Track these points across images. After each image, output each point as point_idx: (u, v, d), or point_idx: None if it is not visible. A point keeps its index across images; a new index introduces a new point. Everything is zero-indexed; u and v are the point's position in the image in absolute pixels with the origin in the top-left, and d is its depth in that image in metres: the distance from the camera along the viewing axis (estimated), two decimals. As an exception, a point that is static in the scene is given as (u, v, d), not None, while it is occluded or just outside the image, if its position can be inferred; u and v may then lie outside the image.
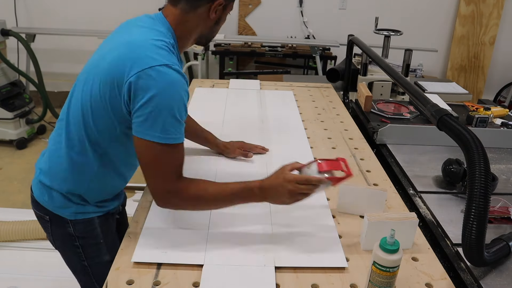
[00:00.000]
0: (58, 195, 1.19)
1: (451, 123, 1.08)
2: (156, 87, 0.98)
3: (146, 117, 0.99)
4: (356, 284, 0.98)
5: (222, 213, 1.21)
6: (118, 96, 1.03)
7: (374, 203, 1.21)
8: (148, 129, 1.00)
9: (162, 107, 0.99)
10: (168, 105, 1.00)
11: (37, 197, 1.24)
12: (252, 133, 1.76)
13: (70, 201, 1.19)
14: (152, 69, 0.98)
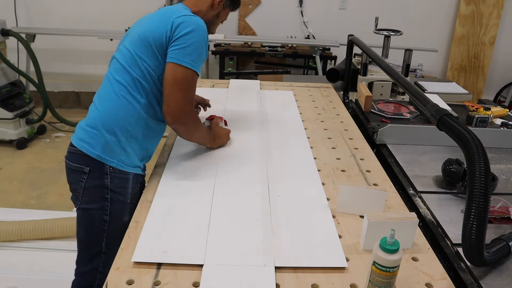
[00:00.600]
0: (106, 141, 1.34)
1: (451, 123, 1.08)
2: (193, 25, 1.33)
3: (183, 46, 1.31)
4: (356, 284, 0.98)
5: (222, 213, 1.21)
6: (162, 34, 1.32)
7: (374, 203, 1.21)
8: (184, 57, 1.31)
9: (195, 42, 1.32)
10: (199, 42, 1.33)
11: (83, 146, 1.34)
12: (252, 133, 1.76)
13: (119, 144, 1.35)
14: (189, 16, 1.35)
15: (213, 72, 4.64)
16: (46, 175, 3.36)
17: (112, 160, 1.34)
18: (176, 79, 1.31)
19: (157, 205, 1.24)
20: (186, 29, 1.31)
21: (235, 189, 1.34)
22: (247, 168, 1.48)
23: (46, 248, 2.40)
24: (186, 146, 1.62)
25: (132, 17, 4.40)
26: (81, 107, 4.79)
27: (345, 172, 1.50)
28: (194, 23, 1.33)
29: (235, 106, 2.06)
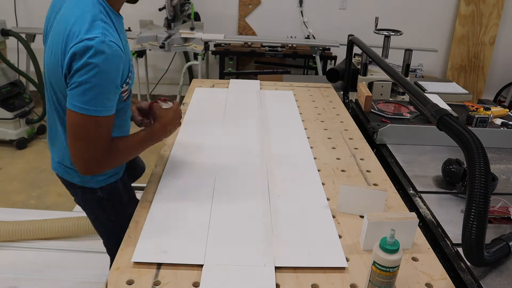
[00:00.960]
0: (75, 174, 1.32)
1: (451, 123, 1.08)
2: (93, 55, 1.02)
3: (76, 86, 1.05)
4: (356, 284, 0.98)
5: (222, 213, 1.21)
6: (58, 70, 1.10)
7: (374, 203, 1.21)
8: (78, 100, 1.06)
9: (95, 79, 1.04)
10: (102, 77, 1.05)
11: (64, 177, 1.37)
12: (252, 133, 1.76)
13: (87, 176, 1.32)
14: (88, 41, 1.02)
15: (213, 72, 4.64)
16: (46, 175, 3.36)
17: (92, 183, 1.36)
18: (71, 127, 1.09)
19: (157, 205, 1.24)
20: (76, 61, 1.02)
21: (235, 189, 1.34)
22: (247, 168, 1.48)
23: (46, 248, 2.40)
24: (186, 146, 1.62)
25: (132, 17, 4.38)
26: (81, 107, 4.78)
27: (345, 172, 1.50)
28: (84, 47, 1.01)
29: (235, 106, 2.06)
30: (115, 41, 1.06)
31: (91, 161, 1.13)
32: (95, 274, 2.20)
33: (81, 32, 1.03)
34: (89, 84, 1.03)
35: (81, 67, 1.02)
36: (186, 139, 1.69)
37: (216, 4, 4.41)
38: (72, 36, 1.04)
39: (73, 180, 1.36)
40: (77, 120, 1.07)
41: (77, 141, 1.10)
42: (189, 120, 1.88)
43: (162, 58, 4.43)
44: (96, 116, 1.06)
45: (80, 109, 1.05)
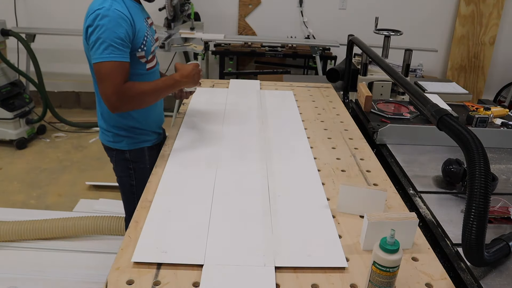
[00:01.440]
0: (110, 135, 1.66)
1: (451, 123, 1.08)
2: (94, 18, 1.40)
3: (91, 46, 1.41)
4: (356, 284, 0.98)
5: (222, 213, 1.21)
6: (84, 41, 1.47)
7: (374, 203, 1.21)
8: (94, 54, 1.41)
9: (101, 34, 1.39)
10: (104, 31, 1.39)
11: (104, 142, 1.70)
12: (252, 133, 1.76)
13: (121, 136, 1.65)
14: (93, 12, 1.42)
15: (213, 72, 4.64)
16: (46, 175, 3.36)
17: (123, 146, 1.66)
18: (96, 76, 1.44)
19: (157, 205, 1.24)
20: (93, 22, 1.40)
21: (235, 189, 1.34)
22: (247, 168, 1.48)
23: (46, 248, 2.41)
24: (186, 146, 1.62)
25: (132, 17, 4.31)
26: (81, 107, 4.79)
27: (345, 172, 1.50)
28: (95, 20, 1.40)
29: (235, 106, 2.06)
30: (119, 10, 1.40)
31: (112, 96, 1.41)
32: (95, 274, 2.21)
33: (95, 6, 1.42)
34: (100, 39, 1.38)
35: (93, 29, 1.39)
36: (186, 139, 1.69)
37: (216, 4, 4.41)
38: (89, 11, 1.44)
39: (109, 144, 1.68)
40: (98, 68, 1.40)
41: (100, 84, 1.42)
42: (189, 120, 1.88)
43: (162, 58, 4.42)
44: (109, 61, 1.39)
45: (98, 59, 1.39)
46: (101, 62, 1.39)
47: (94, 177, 3.32)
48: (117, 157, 1.71)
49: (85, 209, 2.86)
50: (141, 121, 1.66)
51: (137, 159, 1.69)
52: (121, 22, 1.40)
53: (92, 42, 1.40)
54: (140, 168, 1.70)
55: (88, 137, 4.08)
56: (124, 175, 1.73)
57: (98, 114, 1.68)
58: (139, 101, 1.50)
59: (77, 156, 3.70)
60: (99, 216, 2.46)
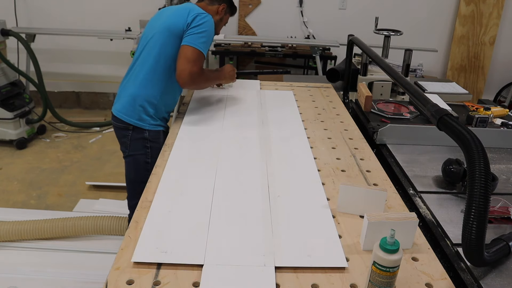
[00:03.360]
0: (141, 112, 1.87)
1: (451, 123, 1.08)
2: (206, 18, 1.82)
3: (195, 32, 1.78)
4: (356, 284, 0.98)
5: (222, 213, 1.21)
6: (181, 24, 1.81)
7: (374, 203, 1.21)
8: (195, 40, 1.78)
9: (206, 30, 1.81)
10: (209, 31, 1.83)
11: (123, 117, 1.88)
12: (252, 133, 1.76)
13: (147, 115, 1.88)
14: (202, 13, 1.84)
15: (213, 72, 4.63)
16: (46, 175, 3.36)
17: (144, 124, 1.88)
18: (186, 56, 1.76)
19: (157, 205, 1.24)
20: (201, 21, 1.79)
21: (235, 189, 1.34)
22: (247, 168, 1.48)
23: (46, 248, 2.40)
24: (186, 146, 1.62)
25: (132, 17, 4.40)
26: (81, 107, 4.79)
27: (345, 172, 1.50)
28: (206, 17, 1.82)
29: (235, 106, 2.06)
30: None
31: (192, 75, 1.77)
32: (95, 274, 2.21)
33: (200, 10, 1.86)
34: (204, 33, 1.79)
35: (202, 22, 1.80)
36: (186, 139, 1.69)
37: (216, 4, 4.41)
38: (194, 10, 1.84)
39: (130, 121, 1.87)
40: (191, 51, 1.77)
41: (186, 63, 1.76)
42: (189, 120, 1.88)
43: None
44: (201, 51, 1.79)
45: (196, 45, 1.77)
46: (197, 49, 1.76)
47: (94, 177, 3.32)
48: (134, 136, 1.89)
49: (85, 209, 2.86)
50: (170, 104, 1.98)
51: (154, 139, 1.90)
52: (213, 31, 1.89)
53: (195, 29, 1.78)
54: (156, 148, 1.84)
55: (88, 137, 4.08)
56: (140, 153, 1.91)
57: (141, 91, 1.86)
58: (204, 84, 1.93)
59: (77, 156, 3.70)
60: (99, 216, 2.46)
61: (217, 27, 1.99)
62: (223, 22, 2.04)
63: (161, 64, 1.84)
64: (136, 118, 1.87)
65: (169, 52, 1.83)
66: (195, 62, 1.75)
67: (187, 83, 1.78)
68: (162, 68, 1.84)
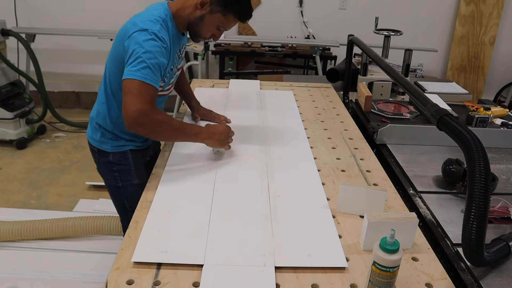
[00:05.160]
0: (99, 133, 1.63)
1: (451, 123, 1.08)
2: (141, 40, 1.36)
3: (131, 62, 1.35)
4: (356, 284, 0.98)
5: (222, 213, 1.21)
6: (121, 53, 1.42)
7: (374, 203, 1.21)
8: (133, 71, 1.35)
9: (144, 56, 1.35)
10: (149, 54, 1.35)
11: (87, 135, 1.69)
12: (252, 133, 1.76)
13: (106, 137, 1.62)
14: (140, 32, 1.38)
15: (213, 72, 4.64)
16: (46, 175, 3.36)
17: (107, 147, 1.63)
18: (126, 92, 1.35)
19: (157, 205, 1.24)
20: (138, 41, 1.36)
21: (235, 189, 1.34)
22: (247, 168, 1.48)
23: (46, 248, 2.40)
24: (186, 146, 1.62)
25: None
26: (81, 107, 4.79)
27: (345, 172, 1.50)
28: (146, 34, 1.37)
29: (235, 106, 2.06)
30: (165, 38, 1.41)
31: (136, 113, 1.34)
32: (95, 274, 2.21)
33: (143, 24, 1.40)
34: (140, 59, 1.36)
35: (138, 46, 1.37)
36: (186, 139, 1.69)
37: (216, 4, 4.41)
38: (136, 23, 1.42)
39: (94, 143, 1.65)
40: (129, 84, 1.35)
41: (129, 98, 1.35)
42: (189, 120, 1.88)
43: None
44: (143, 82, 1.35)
45: (134, 76, 1.35)
46: (138, 80, 1.34)
47: (94, 177, 3.32)
48: (100, 159, 1.67)
49: (85, 209, 2.86)
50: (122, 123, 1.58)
51: (120, 161, 1.65)
52: (164, 51, 1.40)
53: (131, 57, 1.36)
54: (124, 170, 1.65)
55: (88, 137, 4.08)
56: (110, 178, 1.69)
57: (95, 112, 1.64)
58: (157, 130, 1.41)
59: (77, 156, 3.70)
60: (99, 216, 2.46)
61: (197, 28, 1.51)
62: (205, 23, 1.49)
63: (113, 84, 1.53)
64: (97, 140, 1.64)
65: (117, 76, 1.48)
66: (138, 98, 1.33)
67: (132, 125, 1.36)
68: (114, 88, 1.54)
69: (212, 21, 1.49)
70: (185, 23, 1.51)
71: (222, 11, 1.46)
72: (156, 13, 1.45)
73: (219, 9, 1.46)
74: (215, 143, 1.50)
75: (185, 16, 1.49)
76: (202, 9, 1.46)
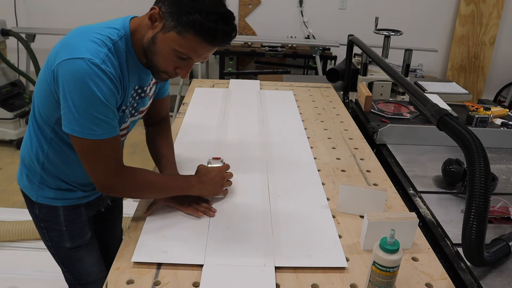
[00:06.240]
0: (24, 174, 1.24)
1: (451, 123, 1.08)
2: (68, 78, 0.95)
3: (66, 110, 0.98)
4: (356, 284, 0.98)
5: (222, 213, 1.21)
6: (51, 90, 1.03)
7: (374, 203, 1.21)
8: (71, 123, 0.99)
9: (77, 101, 0.95)
10: (82, 98, 0.95)
11: (18, 175, 1.29)
12: (252, 133, 1.76)
13: (32, 182, 1.22)
14: (66, 63, 0.96)
15: (213, 72, 4.64)
16: (46, 175, 3.36)
17: (32, 193, 1.23)
18: (80, 151, 1.04)
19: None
20: (66, 84, 0.96)
21: (235, 189, 1.34)
22: (247, 168, 1.48)
23: (46, 248, 2.40)
24: (186, 146, 1.62)
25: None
26: (81, 107, 4.79)
27: (345, 172, 1.50)
28: (76, 73, 0.94)
29: (235, 106, 2.06)
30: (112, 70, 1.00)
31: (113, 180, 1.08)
32: (95, 274, 2.20)
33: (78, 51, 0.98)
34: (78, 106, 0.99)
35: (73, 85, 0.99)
36: (186, 139, 1.69)
37: (216, 4, 4.41)
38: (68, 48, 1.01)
39: (20, 184, 1.27)
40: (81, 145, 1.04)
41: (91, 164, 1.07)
42: (189, 120, 1.88)
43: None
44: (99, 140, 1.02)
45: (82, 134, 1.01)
46: (86, 139, 0.99)
47: (94, 177, 3.32)
48: (28, 207, 1.28)
49: (85, 209, 2.86)
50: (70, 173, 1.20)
51: (47, 217, 1.25)
52: (110, 89, 0.98)
53: (65, 100, 0.96)
54: (54, 229, 1.27)
55: (88, 137, 4.08)
56: (40, 232, 1.31)
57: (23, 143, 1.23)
58: (135, 192, 1.14)
59: (77, 156, 3.69)
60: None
61: (150, 55, 1.04)
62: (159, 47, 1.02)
63: (43, 116, 1.11)
64: (22, 181, 1.25)
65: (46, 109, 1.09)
66: (100, 161, 1.03)
67: (104, 191, 1.13)
68: (41, 122, 1.13)
69: (166, 44, 1.00)
70: (141, 48, 1.07)
71: (176, 26, 0.98)
72: (107, 31, 1.03)
73: (173, 24, 0.98)
74: (207, 193, 1.22)
75: (141, 39, 1.05)
76: (154, 28, 1.01)
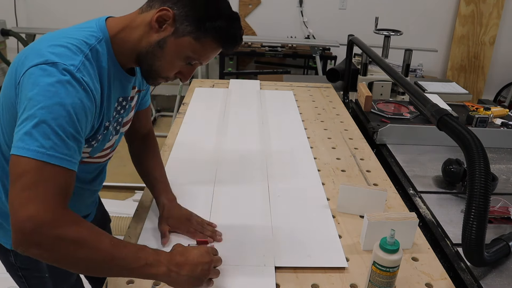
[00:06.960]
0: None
1: (451, 123, 1.08)
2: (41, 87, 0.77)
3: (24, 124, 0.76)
4: (356, 284, 0.98)
5: (222, 213, 1.21)
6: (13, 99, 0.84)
7: (374, 203, 1.21)
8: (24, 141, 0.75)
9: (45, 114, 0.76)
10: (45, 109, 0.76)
11: None
12: (252, 134, 1.76)
13: (3, 227, 1.01)
14: (43, 69, 0.79)
15: (213, 72, 4.63)
16: (46, 175, 3.35)
17: (6, 241, 1.04)
18: (13, 175, 0.76)
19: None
20: (31, 93, 0.77)
21: (235, 189, 1.34)
22: (247, 168, 1.48)
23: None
24: (186, 147, 1.62)
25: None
26: (81, 107, 4.79)
27: (345, 172, 1.50)
28: (45, 80, 0.78)
29: (235, 106, 2.06)
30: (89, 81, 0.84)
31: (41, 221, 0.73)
32: (95, 274, 2.20)
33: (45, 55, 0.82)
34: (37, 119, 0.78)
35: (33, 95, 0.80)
36: (186, 139, 1.69)
37: (216, 4, 4.41)
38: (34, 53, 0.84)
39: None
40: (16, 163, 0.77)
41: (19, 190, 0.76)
42: (189, 120, 1.88)
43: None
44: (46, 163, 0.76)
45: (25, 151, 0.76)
46: (28, 159, 0.74)
47: (94, 177, 3.31)
48: (1, 257, 1.10)
49: (85, 209, 2.86)
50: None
51: (26, 266, 1.09)
52: (84, 102, 0.81)
53: (24, 112, 0.77)
54: (35, 277, 1.11)
55: (88, 137, 4.08)
56: (18, 283, 1.15)
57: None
58: (66, 258, 0.76)
59: (77, 156, 3.69)
60: (99, 216, 2.46)
61: (156, 61, 0.93)
62: (169, 51, 0.91)
63: (8, 143, 0.90)
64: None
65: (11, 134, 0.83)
66: (33, 193, 0.73)
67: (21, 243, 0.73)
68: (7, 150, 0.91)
69: (178, 49, 0.91)
70: (133, 53, 0.94)
71: (194, 32, 0.90)
72: (81, 34, 0.88)
73: (190, 29, 0.90)
74: (183, 284, 0.85)
75: (133, 42, 0.93)
76: (161, 30, 0.91)
